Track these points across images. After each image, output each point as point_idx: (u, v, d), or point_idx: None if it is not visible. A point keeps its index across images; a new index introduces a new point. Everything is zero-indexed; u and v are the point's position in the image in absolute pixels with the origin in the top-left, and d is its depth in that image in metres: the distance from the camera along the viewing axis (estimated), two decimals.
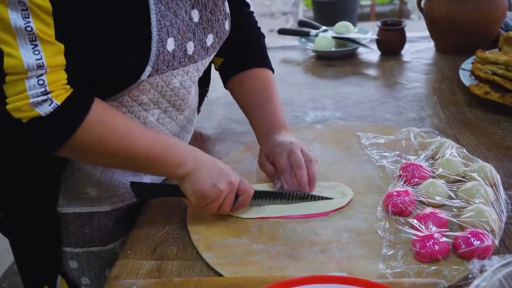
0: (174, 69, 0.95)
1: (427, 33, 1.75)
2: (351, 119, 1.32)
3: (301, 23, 2.00)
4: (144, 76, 0.90)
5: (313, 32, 1.83)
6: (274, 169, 1.03)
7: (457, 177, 1.00)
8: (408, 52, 1.72)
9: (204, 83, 1.21)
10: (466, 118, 1.28)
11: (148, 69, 0.90)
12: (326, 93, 1.49)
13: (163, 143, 0.93)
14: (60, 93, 0.83)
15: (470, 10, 1.58)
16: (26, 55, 0.79)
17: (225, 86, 1.18)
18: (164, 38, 0.90)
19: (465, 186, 0.96)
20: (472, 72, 1.38)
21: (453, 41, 1.64)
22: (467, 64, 1.44)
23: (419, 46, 1.77)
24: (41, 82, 0.81)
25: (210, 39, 1.00)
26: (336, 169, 1.09)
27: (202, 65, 1.03)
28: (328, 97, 1.46)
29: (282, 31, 1.94)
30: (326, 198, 1.00)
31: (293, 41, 1.88)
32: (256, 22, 1.20)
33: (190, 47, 0.96)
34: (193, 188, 0.93)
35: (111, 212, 1.07)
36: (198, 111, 1.26)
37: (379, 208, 0.96)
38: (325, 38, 1.75)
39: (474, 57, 1.41)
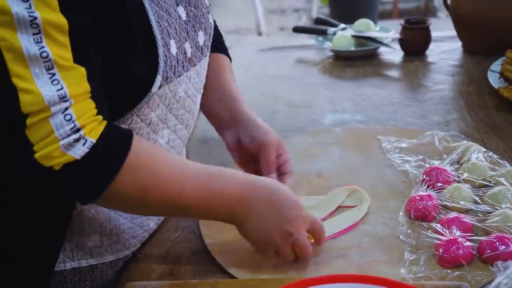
0: (179, 76, 0.93)
1: (454, 33, 1.80)
2: (372, 122, 1.39)
3: (318, 21, 2.04)
4: (155, 88, 0.88)
5: (330, 30, 1.89)
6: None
7: (483, 182, 1.06)
8: (433, 52, 1.78)
9: None
10: (495, 122, 1.34)
11: (159, 78, 0.88)
12: (345, 95, 1.56)
13: (216, 180, 0.89)
14: (93, 127, 0.78)
15: (499, 8, 1.63)
16: (44, 88, 0.73)
17: None
18: (167, 40, 0.88)
19: (491, 191, 1.03)
20: (501, 74, 1.44)
21: (481, 41, 1.70)
22: (497, 66, 1.49)
23: (445, 46, 1.83)
24: (68, 117, 0.75)
25: (201, 37, 1.00)
26: (356, 174, 1.16)
27: (201, 68, 1.02)
28: (348, 99, 1.53)
29: (298, 29, 2.01)
30: None
31: (309, 40, 1.95)
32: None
33: (188, 48, 0.95)
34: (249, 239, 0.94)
35: (116, 261, 1.01)
36: None
37: (401, 213, 1.03)
38: (343, 37, 1.81)
39: (504, 58, 1.47)
